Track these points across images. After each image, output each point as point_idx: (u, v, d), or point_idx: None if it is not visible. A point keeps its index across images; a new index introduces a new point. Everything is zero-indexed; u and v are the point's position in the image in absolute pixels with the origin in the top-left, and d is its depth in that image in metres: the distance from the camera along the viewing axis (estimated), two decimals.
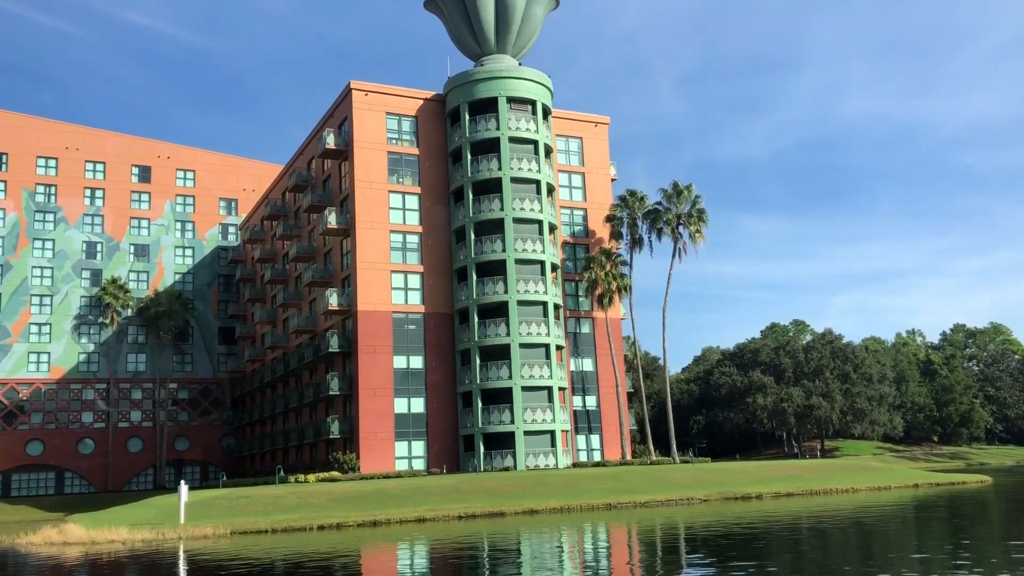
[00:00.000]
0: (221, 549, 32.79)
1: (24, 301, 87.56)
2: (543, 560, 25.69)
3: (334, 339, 62.17)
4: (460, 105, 64.71)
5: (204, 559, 30.03)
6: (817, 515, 38.13)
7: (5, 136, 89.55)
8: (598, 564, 24.64)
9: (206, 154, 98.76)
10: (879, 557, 23.25)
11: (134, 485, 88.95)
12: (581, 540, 31.87)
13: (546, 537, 33.09)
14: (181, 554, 32.11)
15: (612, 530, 35.13)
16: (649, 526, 35.76)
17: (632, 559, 25.50)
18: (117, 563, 30.26)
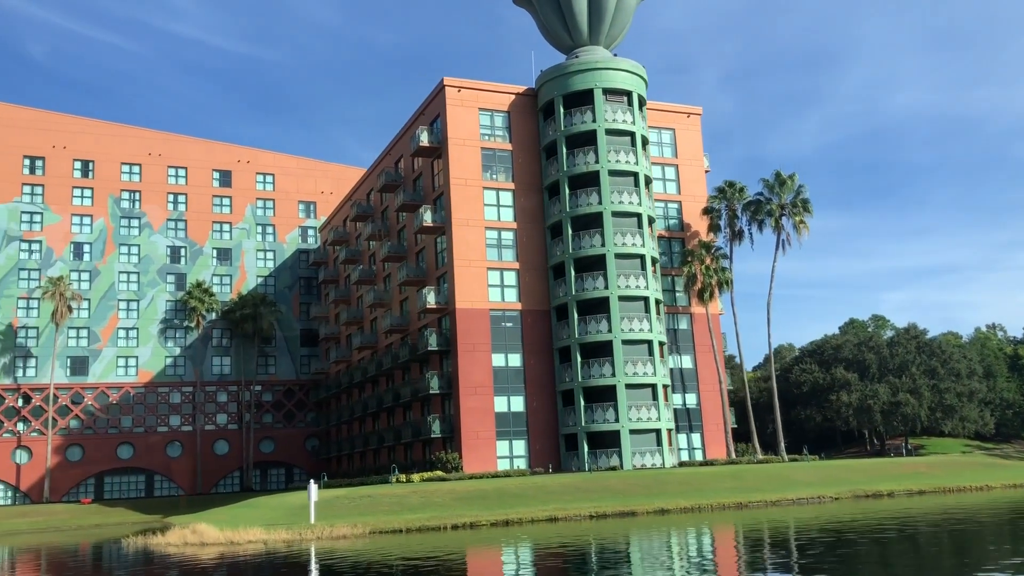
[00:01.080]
0: (368, 548, 32.02)
1: (112, 306, 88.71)
2: (752, 560, 24.38)
3: (432, 337, 61.48)
4: (554, 98, 63.64)
5: (367, 559, 29.22)
6: (970, 512, 36.16)
7: (92, 144, 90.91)
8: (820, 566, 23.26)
9: (284, 158, 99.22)
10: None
11: (221, 488, 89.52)
12: (760, 541, 30.44)
13: (709, 537, 31.71)
14: (341, 554, 31.39)
15: (774, 529, 33.61)
16: (804, 525, 34.16)
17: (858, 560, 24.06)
18: (291, 563, 29.56)
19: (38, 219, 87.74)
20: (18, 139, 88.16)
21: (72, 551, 44.22)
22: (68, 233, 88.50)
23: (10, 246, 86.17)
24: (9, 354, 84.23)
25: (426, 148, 64.34)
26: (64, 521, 70.23)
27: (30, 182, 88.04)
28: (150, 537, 42.79)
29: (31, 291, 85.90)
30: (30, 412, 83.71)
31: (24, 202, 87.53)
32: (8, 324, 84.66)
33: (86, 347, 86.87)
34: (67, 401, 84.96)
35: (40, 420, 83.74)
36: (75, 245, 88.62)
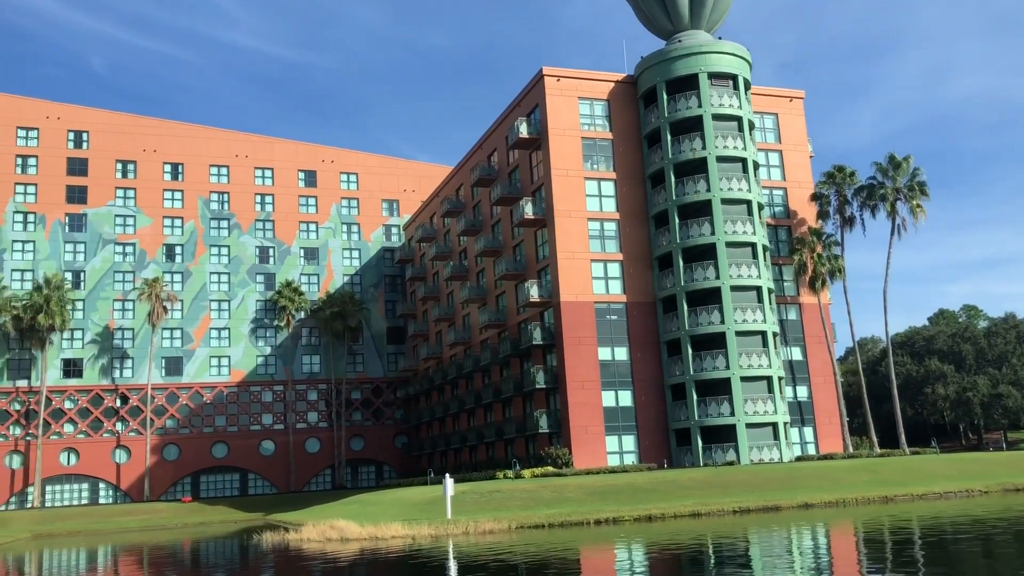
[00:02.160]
0: (524, 543, 30.99)
1: (204, 307, 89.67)
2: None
3: (536, 332, 60.42)
4: (656, 84, 62.09)
5: (542, 555, 28.19)
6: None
7: (180, 147, 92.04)
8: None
9: (367, 156, 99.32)
10: None
11: (313, 485, 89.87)
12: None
13: (887, 532, 29.98)
14: (503, 548, 30.43)
15: (955, 524, 31.71)
16: (977, 519, 32.15)
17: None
18: (469, 560, 28.74)
19: (131, 222, 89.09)
20: (111, 144, 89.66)
21: (207, 548, 44.15)
22: (160, 235, 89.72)
23: (105, 249, 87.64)
24: (106, 355, 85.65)
25: (525, 140, 63.31)
26: (168, 519, 71.01)
27: (123, 186, 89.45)
28: (283, 533, 42.47)
29: (126, 293, 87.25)
30: (128, 412, 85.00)
31: (117, 205, 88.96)
32: (105, 326, 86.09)
33: (180, 347, 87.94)
34: (163, 401, 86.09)
35: (137, 420, 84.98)
36: (167, 247, 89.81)
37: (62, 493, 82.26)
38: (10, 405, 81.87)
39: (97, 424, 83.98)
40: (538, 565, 24.69)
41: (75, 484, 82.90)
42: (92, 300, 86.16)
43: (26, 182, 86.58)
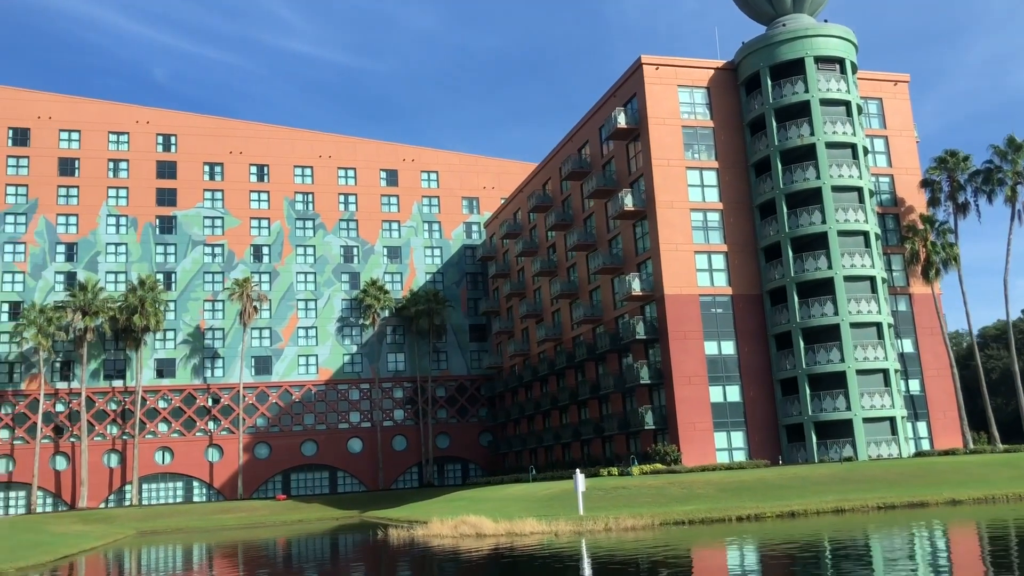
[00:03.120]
0: (674, 539, 29.90)
1: (291, 306, 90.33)
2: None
3: (640, 326, 59.16)
4: (760, 70, 60.36)
5: (711, 552, 27.12)
6: None
7: (266, 148, 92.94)
8: None
9: (446, 154, 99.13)
10: None
11: (400, 483, 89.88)
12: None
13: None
14: (663, 544, 29.39)
15: None
16: None
17: None
18: (655, 558, 27.81)
19: (219, 223, 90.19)
20: (198, 146, 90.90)
21: (332, 545, 43.94)
22: (247, 236, 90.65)
23: (195, 250, 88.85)
24: (198, 355, 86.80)
25: (622, 130, 62.11)
26: (266, 517, 71.42)
27: (210, 188, 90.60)
28: (408, 529, 42.02)
29: (216, 294, 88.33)
30: (219, 411, 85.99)
31: (206, 207, 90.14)
32: (196, 326, 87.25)
33: (269, 347, 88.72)
34: (253, 400, 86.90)
35: (229, 419, 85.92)
36: (254, 248, 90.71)
37: (158, 491, 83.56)
38: (107, 405, 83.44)
39: (190, 423, 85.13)
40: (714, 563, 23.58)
41: (170, 482, 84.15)
42: (183, 301, 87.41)
43: (118, 186, 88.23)
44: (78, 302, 79.42)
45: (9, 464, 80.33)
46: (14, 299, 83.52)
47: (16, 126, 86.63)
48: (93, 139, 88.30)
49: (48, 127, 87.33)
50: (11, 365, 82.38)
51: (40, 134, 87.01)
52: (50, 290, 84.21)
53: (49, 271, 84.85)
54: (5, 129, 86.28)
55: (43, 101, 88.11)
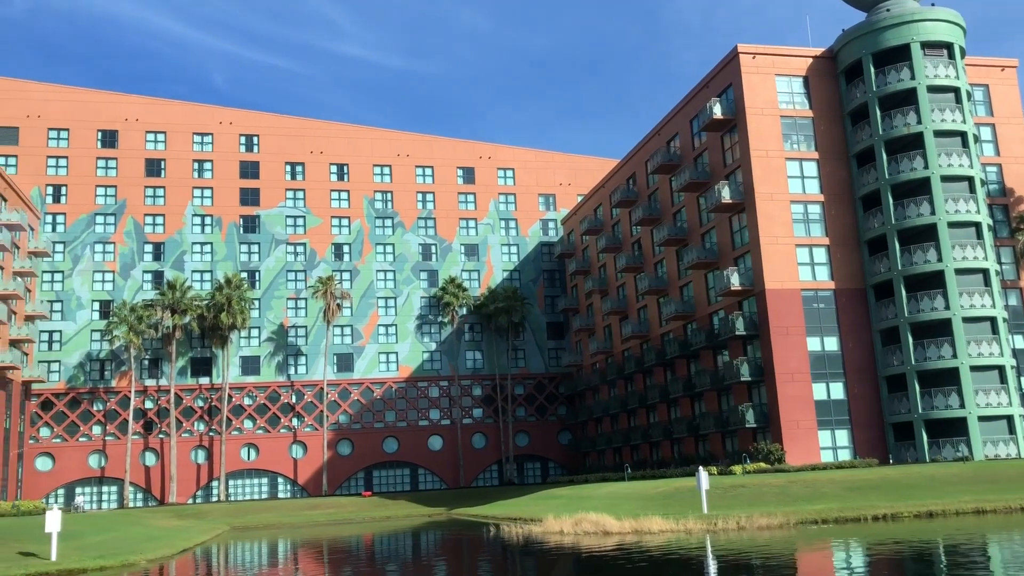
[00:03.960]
0: (817, 538, 28.74)
1: (372, 304, 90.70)
2: None
3: (739, 322, 57.77)
4: (862, 57, 58.49)
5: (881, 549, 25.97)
6: None
7: (345, 148, 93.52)
8: None
9: (523, 151, 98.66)
10: None
11: (480, 481, 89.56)
12: None
13: None
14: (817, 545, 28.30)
15: None
16: None
17: None
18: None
19: (301, 222, 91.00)
20: (280, 146, 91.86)
21: (442, 541, 43.60)
22: (328, 235, 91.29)
23: (278, 249, 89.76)
24: (282, 353, 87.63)
25: (718, 121, 60.76)
26: (354, 514, 71.65)
27: (292, 187, 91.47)
28: (521, 526, 41.47)
29: (299, 292, 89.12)
30: (303, 408, 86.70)
31: (288, 207, 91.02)
32: (279, 324, 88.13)
33: (350, 344, 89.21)
34: (335, 397, 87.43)
35: (312, 416, 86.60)
36: (335, 246, 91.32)
37: (243, 487, 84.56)
38: (194, 402, 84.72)
39: (274, 420, 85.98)
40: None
41: (255, 479, 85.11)
42: (267, 299, 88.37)
43: (203, 186, 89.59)
44: (167, 300, 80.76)
45: (102, 459, 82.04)
46: (104, 298, 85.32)
47: (105, 128, 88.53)
48: (178, 140, 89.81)
49: (135, 129, 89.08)
50: (102, 363, 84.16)
51: (127, 136, 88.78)
52: (138, 289, 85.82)
53: (137, 270, 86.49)
54: (95, 132, 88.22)
55: (130, 103, 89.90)
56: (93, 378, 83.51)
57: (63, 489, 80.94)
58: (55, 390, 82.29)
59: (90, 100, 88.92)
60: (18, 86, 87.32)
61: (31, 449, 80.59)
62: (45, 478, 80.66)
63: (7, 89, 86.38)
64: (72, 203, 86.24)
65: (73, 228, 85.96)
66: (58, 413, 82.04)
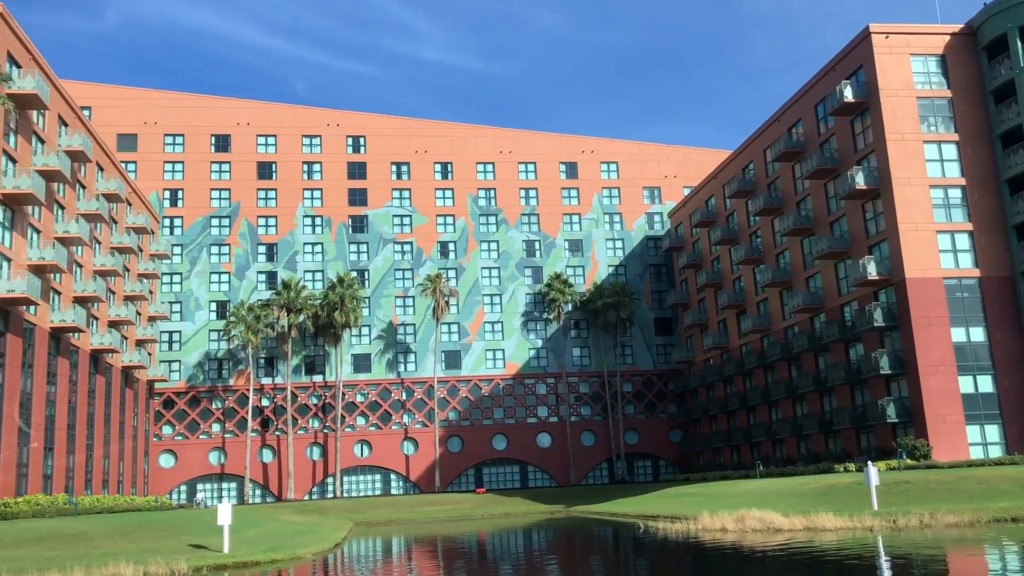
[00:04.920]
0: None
1: (478, 301, 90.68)
2: None
3: (877, 312, 55.37)
4: (1006, 32, 55.39)
5: None
6: None
7: (448, 146, 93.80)
8: None
9: (626, 144, 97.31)
10: None
11: (590, 479, 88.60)
12: None
13: None
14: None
15: None
16: None
17: None
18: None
19: (407, 221, 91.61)
20: (386, 147, 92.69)
21: (595, 540, 42.86)
22: (434, 233, 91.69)
23: (385, 248, 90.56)
24: (391, 350, 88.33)
25: (848, 104, 58.41)
26: (471, 510, 71.52)
27: (398, 187, 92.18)
28: (673, 523, 40.40)
29: (406, 290, 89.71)
30: (413, 405, 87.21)
31: (394, 206, 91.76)
32: (388, 322, 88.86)
33: (457, 341, 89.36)
34: (444, 394, 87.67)
35: (422, 413, 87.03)
36: (441, 244, 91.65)
37: (357, 483, 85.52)
38: (308, 399, 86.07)
39: (386, 417, 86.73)
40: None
41: (368, 475, 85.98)
42: (376, 298, 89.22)
43: (312, 187, 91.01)
44: (283, 300, 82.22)
45: (221, 456, 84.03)
46: (221, 299, 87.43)
47: (218, 133, 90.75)
48: (288, 143, 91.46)
49: (247, 133, 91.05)
50: (220, 362, 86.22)
51: (240, 140, 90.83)
52: (253, 289, 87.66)
53: (252, 271, 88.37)
54: (208, 136, 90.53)
55: (241, 108, 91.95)
56: (211, 377, 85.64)
57: (185, 485, 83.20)
58: (176, 389, 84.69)
59: (203, 106, 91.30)
60: (136, 94, 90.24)
61: (155, 446, 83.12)
62: (168, 474, 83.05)
63: (126, 97, 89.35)
64: (188, 207, 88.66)
65: (190, 231, 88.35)
66: (179, 411, 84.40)
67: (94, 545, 32.88)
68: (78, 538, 33.64)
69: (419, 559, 35.78)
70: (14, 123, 52.73)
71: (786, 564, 25.95)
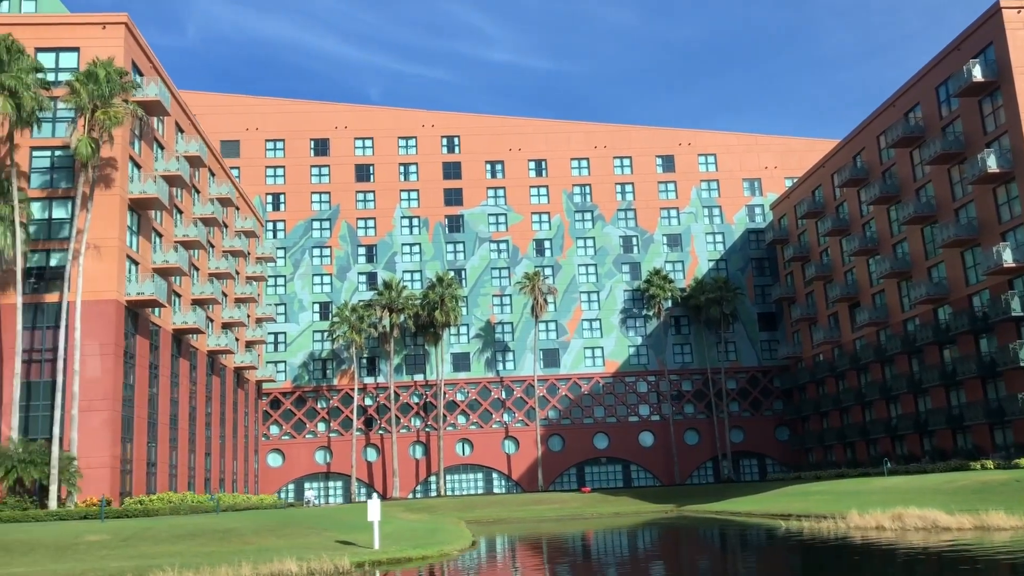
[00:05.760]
0: None
1: (575, 299, 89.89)
2: None
3: (1015, 301, 52.59)
4: None
5: None
6: None
7: (542, 143, 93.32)
8: None
9: (724, 135, 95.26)
10: None
11: (695, 478, 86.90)
12: None
13: None
14: None
15: None
16: None
17: None
18: None
19: (503, 220, 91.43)
20: (480, 146, 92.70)
21: (738, 539, 41.72)
22: (529, 231, 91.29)
23: (482, 247, 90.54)
24: (490, 349, 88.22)
25: (977, 84, 55.65)
26: (579, 509, 70.86)
27: (493, 185, 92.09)
28: (820, 522, 38.95)
29: (503, 288, 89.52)
30: (513, 404, 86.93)
31: (489, 205, 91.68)
32: (486, 321, 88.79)
33: (555, 340, 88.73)
34: (544, 392, 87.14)
35: (522, 411, 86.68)
36: (536, 242, 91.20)
37: (460, 482, 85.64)
38: (409, 398, 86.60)
39: (486, 415, 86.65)
40: None
41: (470, 473, 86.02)
42: (474, 297, 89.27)
43: (409, 188, 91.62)
44: (385, 300, 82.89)
45: (327, 455, 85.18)
46: (323, 300, 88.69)
47: (317, 137, 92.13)
48: (384, 145, 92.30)
49: (344, 136, 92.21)
50: (324, 362, 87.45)
51: (338, 143, 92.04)
52: (354, 290, 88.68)
53: (352, 272, 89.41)
54: (307, 141, 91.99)
55: (338, 112, 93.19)
56: (316, 377, 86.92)
57: (292, 484, 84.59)
58: (282, 389, 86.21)
59: (302, 111, 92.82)
60: (238, 101, 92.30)
61: (263, 445, 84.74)
62: (276, 473, 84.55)
63: (228, 104, 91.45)
64: (290, 210, 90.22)
65: (292, 234, 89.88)
66: (286, 411, 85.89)
67: (246, 541, 33.26)
68: (228, 534, 34.09)
69: (566, 556, 35.20)
70: (138, 130, 54.22)
71: (992, 567, 24.44)
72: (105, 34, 52.20)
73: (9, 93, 43.68)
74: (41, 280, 49.21)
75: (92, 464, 46.12)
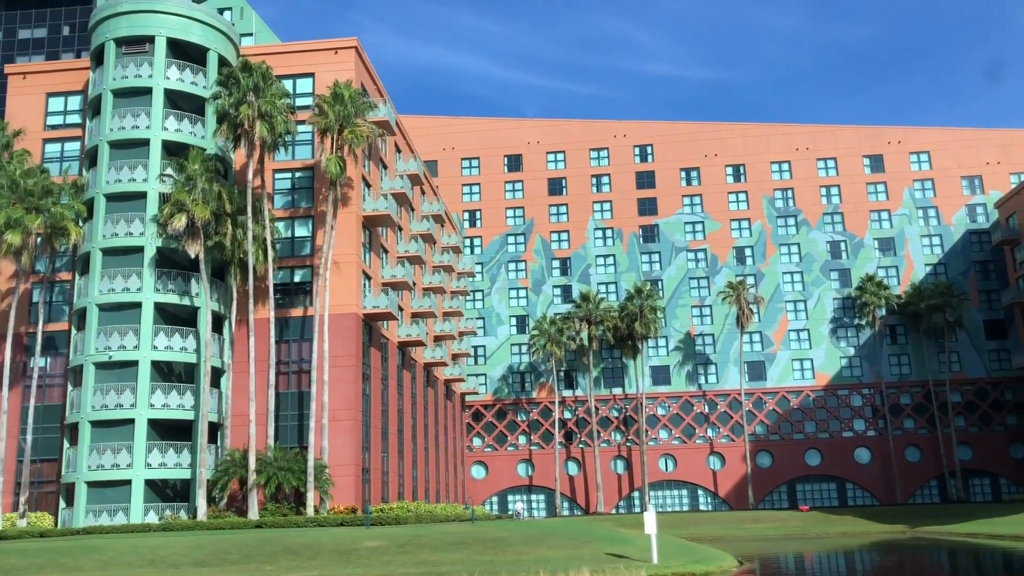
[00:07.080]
0: None
1: (780, 308, 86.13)
2: None
3: None
4: None
5: None
6: None
7: (739, 148, 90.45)
8: None
9: (938, 131, 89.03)
10: None
11: (917, 498, 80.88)
12: None
13: None
14: None
15: None
16: None
17: None
18: None
19: (700, 228, 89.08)
20: (674, 153, 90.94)
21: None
22: (729, 239, 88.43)
23: (678, 257, 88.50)
24: (690, 362, 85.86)
25: None
26: (801, 529, 67.42)
27: (688, 193, 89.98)
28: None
29: (702, 299, 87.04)
30: (717, 418, 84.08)
31: (685, 213, 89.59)
32: (686, 332, 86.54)
33: (760, 351, 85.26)
34: (750, 407, 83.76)
35: (727, 426, 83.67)
36: (736, 250, 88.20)
37: (664, 498, 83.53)
38: (609, 412, 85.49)
39: (689, 430, 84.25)
40: None
41: (674, 489, 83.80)
42: (672, 308, 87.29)
43: (602, 200, 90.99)
44: (583, 312, 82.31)
45: (528, 468, 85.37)
46: (520, 313, 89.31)
47: (510, 153, 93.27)
48: (576, 158, 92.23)
49: (536, 151, 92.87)
50: (522, 375, 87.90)
51: (530, 159, 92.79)
52: (549, 303, 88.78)
53: (547, 285, 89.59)
54: (501, 157, 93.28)
55: (530, 127, 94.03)
56: (515, 390, 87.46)
57: (496, 496, 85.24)
58: (484, 402, 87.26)
59: (495, 128, 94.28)
60: (436, 122, 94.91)
61: (467, 457, 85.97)
62: (480, 485, 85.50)
63: (428, 126, 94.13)
64: (486, 226, 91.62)
65: (489, 249, 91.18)
66: (487, 424, 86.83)
67: (518, 551, 33.04)
68: (497, 544, 34.00)
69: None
70: (367, 150, 56.21)
71: None
72: (337, 59, 54.55)
73: (265, 118, 46.18)
74: (286, 295, 51.71)
75: (339, 472, 47.72)
